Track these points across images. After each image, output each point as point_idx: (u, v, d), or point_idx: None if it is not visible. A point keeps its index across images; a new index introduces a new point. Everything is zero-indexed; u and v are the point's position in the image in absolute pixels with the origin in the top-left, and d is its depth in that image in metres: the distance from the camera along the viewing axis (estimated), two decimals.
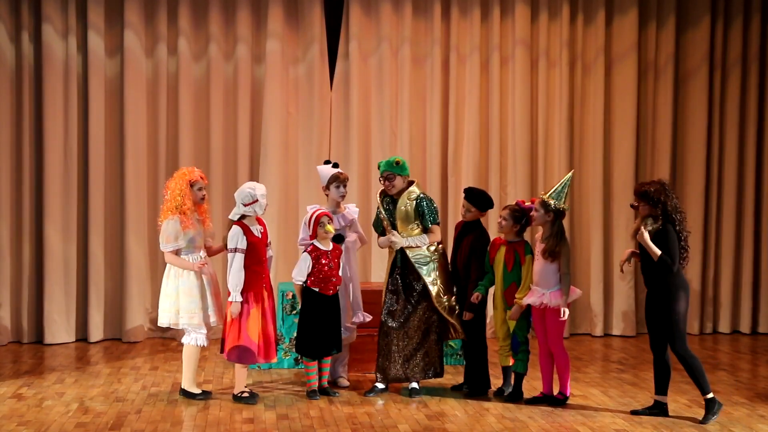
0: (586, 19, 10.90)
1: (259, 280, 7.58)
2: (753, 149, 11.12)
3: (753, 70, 11.07)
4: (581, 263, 10.90)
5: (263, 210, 7.63)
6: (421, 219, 7.86)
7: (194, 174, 7.73)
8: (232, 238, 7.49)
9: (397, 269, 7.91)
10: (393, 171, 7.86)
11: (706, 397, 7.19)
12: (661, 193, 7.13)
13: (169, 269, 7.74)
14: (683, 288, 7.14)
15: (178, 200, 7.61)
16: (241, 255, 7.47)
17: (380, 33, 10.57)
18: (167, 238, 7.62)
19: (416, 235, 7.87)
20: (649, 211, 7.16)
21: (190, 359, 7.75)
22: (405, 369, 7.88)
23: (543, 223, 7.55)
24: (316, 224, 7.78)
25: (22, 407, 7.47)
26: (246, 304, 7.50)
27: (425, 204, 7.87)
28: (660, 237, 7.10)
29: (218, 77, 10.43)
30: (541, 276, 7.52)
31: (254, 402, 7.60)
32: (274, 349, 7.65)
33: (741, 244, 11.17)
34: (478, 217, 7.95)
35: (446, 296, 7.87)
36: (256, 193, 7.53)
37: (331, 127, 10.58)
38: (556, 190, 7.55)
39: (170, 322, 7.70)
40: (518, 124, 10.74)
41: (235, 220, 7.58)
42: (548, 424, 7.11)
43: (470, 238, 7.87)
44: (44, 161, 10.14)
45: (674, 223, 7.13)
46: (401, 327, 7.85)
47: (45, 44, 10.08)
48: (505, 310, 7.70)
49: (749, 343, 10.59)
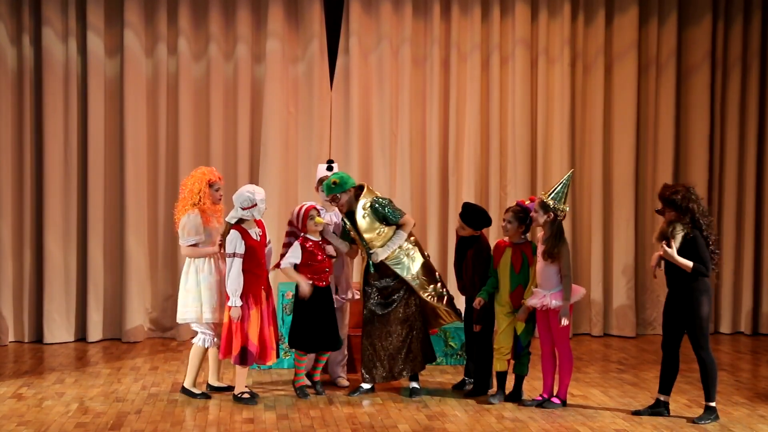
0: (587, 18, 10.89)
1: (259, 282, 7.58)
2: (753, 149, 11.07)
3: (754, 67, 11.03)
4: (581, 263, 10.89)
5: (261, 214, 7.62)
6: (386, 221, 7.79)
7: (214, 174, 7.84)
8: (231, 242, 7.48)
9: (370, 275, 7.88)
10: (334, 192, 7.78)
11: (709, 404, 7.20)
12: (688, 200, 7.06)
13: (188, 266, 7.78)
14: (706, 292, 7.11)
15: (196, 198, 7.70)
16: (239, 260, 7.46)
17: (380, 32, 10.56)
18: (188, 231, 7.70)
19: (387, 237, 7.80)
20: (676, 217, 7.11)
21: (195, 359, 7.80)
22: (390, 368, 7.87)
23: (543, 225, 7.52)
24: (305, 218, 7.77)
25: (22, 407, 7.47)
26: (246, 306, 7.50)
27: (380, 207, 7.77)
28: (689, 245, 7.05)
29: (218, 77, 10.43)
30: (543, 277, 7.51)
31: (255, 403, 7.60)
32: (270, 351, 7.62)
33: (741, 245, 11.13)
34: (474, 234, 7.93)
35: (431, 285, 7.85)
36: (256, 198, 7.51)
37: (332, 126, 10.58)
38: (555, 191, 7.52)
39: (196, 316, 7.72)
40: (518, 124, 10.73)
41: (232, 223, 7.57)
42: (548, 424, 7.11)
43: (472, 251, 7.87)
44: (44, 161, 10.14)
45: (701, 228, 7.08)
46: (382, 326, 7.85)
47: (45, 46, 10.09)
48: (512, 313, 7.64)
49: (750, 343, 10.58)
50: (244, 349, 7.48)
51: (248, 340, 7.48)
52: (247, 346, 7.48)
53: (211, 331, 7.77)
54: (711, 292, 7.18)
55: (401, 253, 7.82)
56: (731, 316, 11.09)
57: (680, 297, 7.14)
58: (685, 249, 7.06)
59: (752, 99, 11.06)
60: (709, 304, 7.14)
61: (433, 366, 9.03)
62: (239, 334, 7.47)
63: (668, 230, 7.12)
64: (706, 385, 7.18)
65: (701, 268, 7.04)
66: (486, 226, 7.96)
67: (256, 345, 7.51)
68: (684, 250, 7.06)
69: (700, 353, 7.14)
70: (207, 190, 7.74)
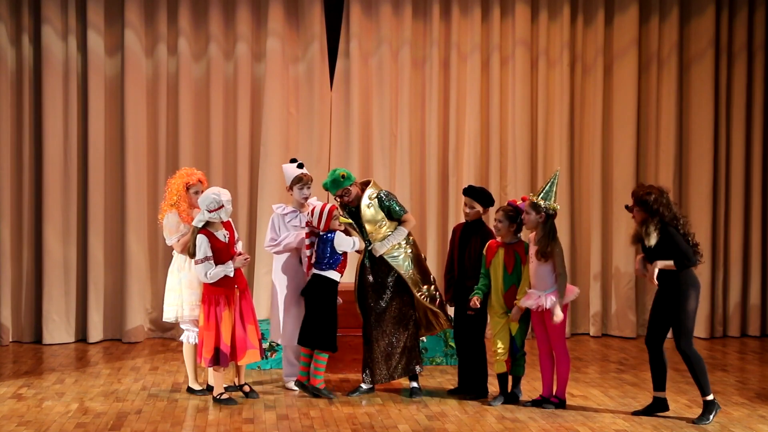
0: (587, 18, 10.89)
1: (230, 282, 7.55)
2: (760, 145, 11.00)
3: (759, 57, 10.97)
4: (580, 264, 10.89)
5: (228, 216, 7.59)
6: (390, 215, 7.81)
7: (192, 177, 7.82)
8: (199, 248, 7.45)
9: (366, 269, 7.88)
10: (343, 185, 7.78)
11: (706, 398, 7.18)
12: (659, 203, 7.08)
13: (173, 265, 7.83)
14: (694, 286, 7.12)
15: (174, 199, 7.76)
16: (210, 262, 7.46)
17: (380, 34, 10.56)
18: (170, 230, 7.76)
19: (387, 231, 7.82)
20: (644, 217, 7.13)
21: (188, 358, 7.83)
22: (388, 368, 7.86)
23: (535, 225, 7.52)
24: (329, 218, 7.75)
25: (22, 407, 7.46)
26: (218, 307, 7.50)
27: (387, 200, 7.80)
28: (665, 242, 7.05)
29: (218, 77, 10.43)
30: (537, 278, 7.49)
31: (235, 403, 7.58)
32: (242, 350, 7.57)
33: (749, 245, 11.03)
34: (480, 215, 7.91)
35: (425, 286, 7.84)
36: (222, 199, 7.45)
37: (332, 126, 10.58)
38: (544, 190, 7.51)
39: (177, 315, 7.75)
40: (518, 124, 10.73)
41: (199, 227, 7.53)
42: (548, 425, 7.10)
43: (478, 239, 7.83)
44: (44, 161, 10.14)
45: (675, 226, 7.11)
46: (378, 326, 7.84)
47: (45, 46, 10.09)
48: (506, 314, 7.64)
49: (757, 345, 10.55)
50: (217, 350, 7.48)
51: (221, 341, 7.48)
52: (219, 347, 7.48)
53: (196, 327, 7.75)
54: (699, 287, 7.17)
55: (399, 250, 7.82)
56: (739, 317, 11.01)
57: (668, 291, 7.14)
58: (662, 245, 7.07)
59: (758, 92, 10.97)
60: (696, 299, 7.13)
61: (433, 366, 9.04)
62: (212, 335, 7.47)
63: (642, 230, 7.13)
64: (697, 380, 7.15)
65: (683, 260, 7.03)
66: (492, 204, 7.94)
67: (229, 345, 7.52)
68: (661, 246, 7.07)
69: (683, 348, 7.10)
70: (183, 192, 7.76)
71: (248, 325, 7.63)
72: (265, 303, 10.20)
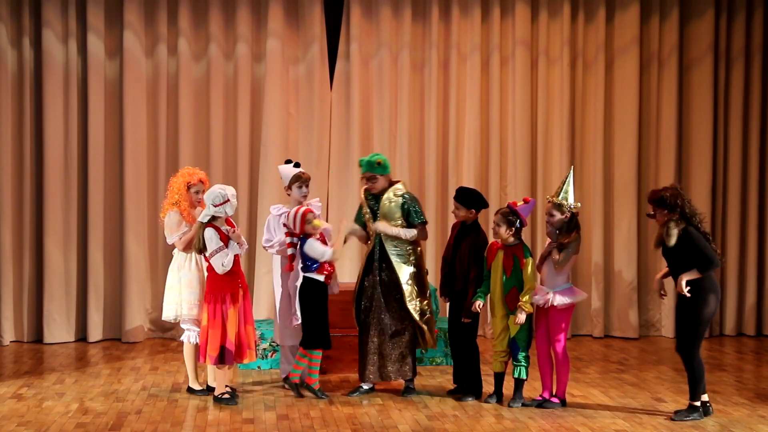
0: (587, 17, 10.87)
1: (235, 280, 7.57)
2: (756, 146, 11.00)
3: (757, 61, 10.98)
4: (582, 263, 10.87)
5: (233, 210, 7.60)
6: (407, 217, 7.82)
7: (193, 177, 7.85)
8: (210, 241, 7.44)
9: (374, 263, 7.87)
10: (375, 172, 7.81)
11: (692, 402, 7.20)
12: (677, 197, 7.09)
13: (173, 264, 7.84)
14: (714, 291, 7.12)
15: (176, 198, 7.79)
16: (225, 251, 7.44)
17: (380, 37, 10.56)
18: (171, 229, 7.78)
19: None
20: (667, 217, 7.11)
21: (188, 358, 7.84)
22: (384, 368, 7.86)
23: (561, 225, 7.52)
24: (302, 221, 7.75)
25: (22, 407, 7.47)
26: (224, 305, 7.50)
27: (411, 203, 7.83)
28: (685, 241, 7.05)
29: (218, 77, 10.44)
30: (547, 275, 7.51)
31: (235, 403, 7.58)
32: (246, 350, 7.60)
33: (745, 244, 11.03)
34: (470, 217, 7.84)
35: (418, 299, 7.84)
36: (227, 194, 7.49)
37: (331, 127, 10.58)
38: (564, 190, 7.52)
39: (176, 314, 7.76)
40: (518, 124, 10.73)
41: (205, 222, 7.54)
42: (548, 425, 7.10)
43: (468, 240, 7.82)
44: (45, 163, 10.15)
45: (695, 224, 7.09)
46: (377, 324, 7.84)
47: (45, 48, 10.10)
48: (507, 315, 7.62)
49: (753, 344, 10.55)
50: (223, 348, 7.49)
51: (227, 339, 7.48)
52: (225, 345, 7.49)
53: (197, 327, 7.76)
54: (719, 292, 7.16)
55: (405, 255, 7.81)
56: (735, 317, 11.02)
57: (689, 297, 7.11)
58: (682, 246, 7.06)
59: (756, 94, 10.98)
60: (715, 304, 7.13)
61: (433, 366, 9.05)
62: (218, 333, 7.47)
63: (663, 232, 7.12)
64: (692, 384, 7.16)
65: (706, 262, 7.02)
66: (481, 206, 7.88)
67: (234, 343, 7.52)
68: (681, 247, 7.06)
69: (687, 351, 7.11)
70: (184, 191, 7.79)
71: (248, 326, 7.66)
72: (265, 303, 10.21)
